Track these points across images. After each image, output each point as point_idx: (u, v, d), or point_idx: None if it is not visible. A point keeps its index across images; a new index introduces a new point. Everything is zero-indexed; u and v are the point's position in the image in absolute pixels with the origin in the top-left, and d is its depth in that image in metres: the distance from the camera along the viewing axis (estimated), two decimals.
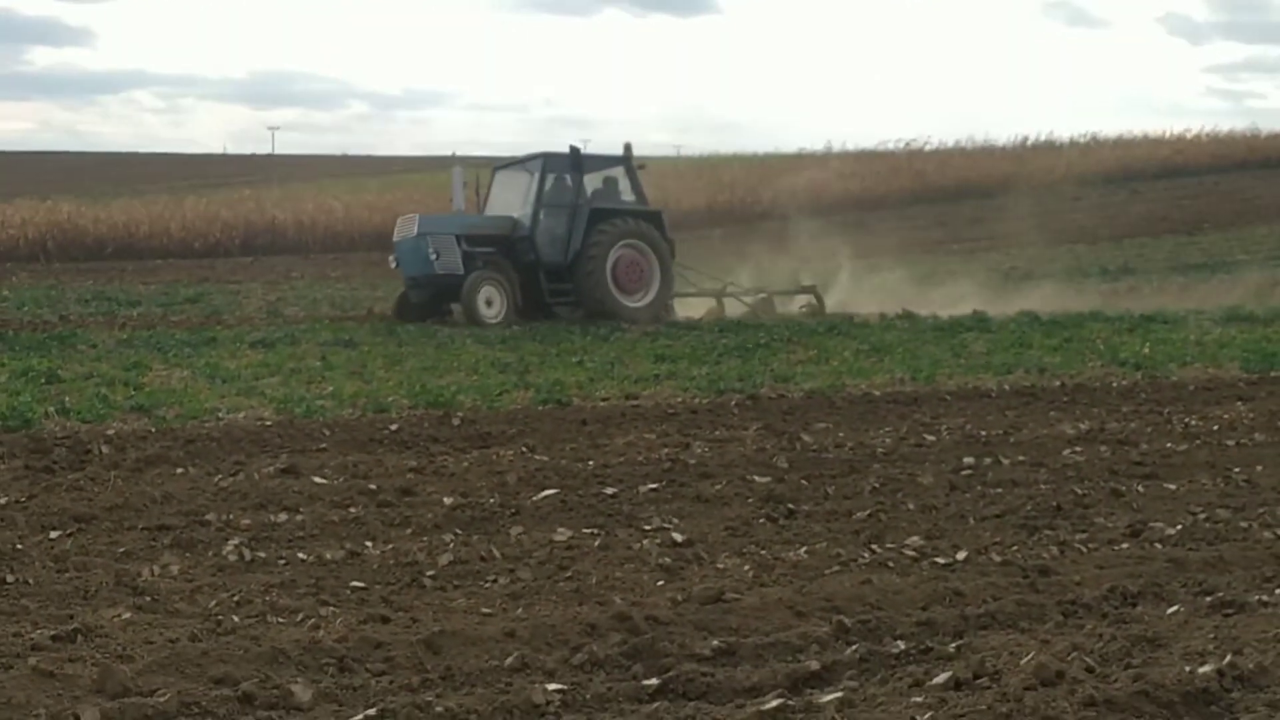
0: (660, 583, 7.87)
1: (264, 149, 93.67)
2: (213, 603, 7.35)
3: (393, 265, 28.20)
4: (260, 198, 54.28)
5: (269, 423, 13.38)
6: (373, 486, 10.35)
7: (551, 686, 6.06)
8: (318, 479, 10.66)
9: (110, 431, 12.68)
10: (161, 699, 5.81)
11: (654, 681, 6.14)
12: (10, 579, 7.73)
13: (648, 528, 9.21)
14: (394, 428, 13.06)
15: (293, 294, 34.25)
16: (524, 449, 12.06)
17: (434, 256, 25.96)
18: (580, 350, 20.29)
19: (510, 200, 27.57)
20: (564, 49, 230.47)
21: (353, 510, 9.63)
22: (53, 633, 6.70)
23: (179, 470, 11.02)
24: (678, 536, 8.92)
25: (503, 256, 26.66)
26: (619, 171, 27.88)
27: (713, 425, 13.43)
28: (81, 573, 7.93)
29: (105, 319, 26.98)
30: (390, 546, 8.65)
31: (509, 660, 6.41)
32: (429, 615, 7.18)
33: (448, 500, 9.91)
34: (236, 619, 7.06)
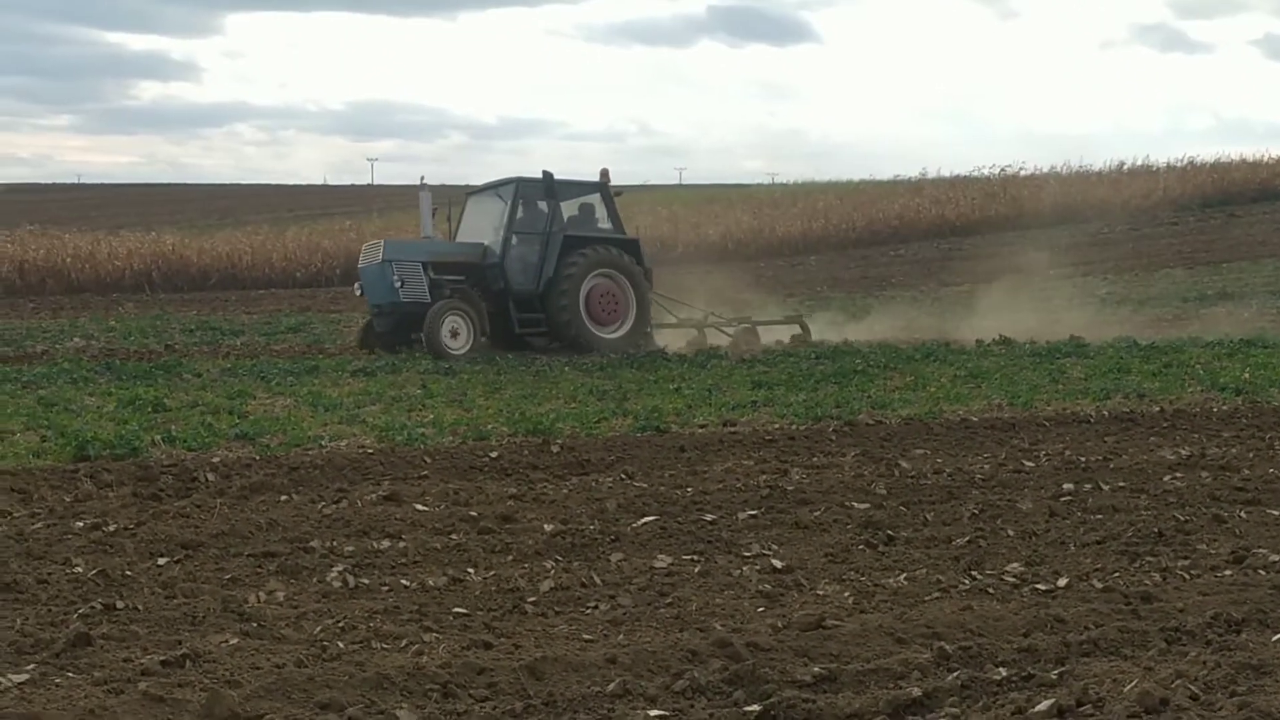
0: (760, 609, 7.85)
1: (363, 180, 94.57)
2: (318, 629, 7.39)
3: (357, 293, 27.45)
4: (360, 228, 54.59)
5: (371, 450, 13.45)
6: (474, 513, 10.38)
7: (653, 713, 6.07)
8: (419, 506, 10.69)
9: (215, 459, 12.78)
10: None
11: (755, 708, 6.13)
12: (120, 605, 7.80)
13: (747, 554, 9.19)
14: (494, 455, 13.09)
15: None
16: (623, 476, 12.06)
17: (398, 284, 25.04)
18: (677, 377, 20.30)
19: (482, 226, 26.75)
20: (660, 78, 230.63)
21: (454, 537, 9.65)
22: (162, 658, 6.76)
23: (283, 497, 11.09)
24: (777, 563, 8.90)
25: (472, 285, 25.68)
26: (595, 198, 27.05)
27: (810, 452, 13.38)
28: (189, 599, 8.00)
29: (209, 348, 27.29)
30: (492, 573, 8.66)
31: (610, 686, 6.42)
32: (531, 641, 7.20)
33: (548, 527, 9.93)
34: (341, 645, 7.10)
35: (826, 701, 6.20)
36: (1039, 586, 8.35)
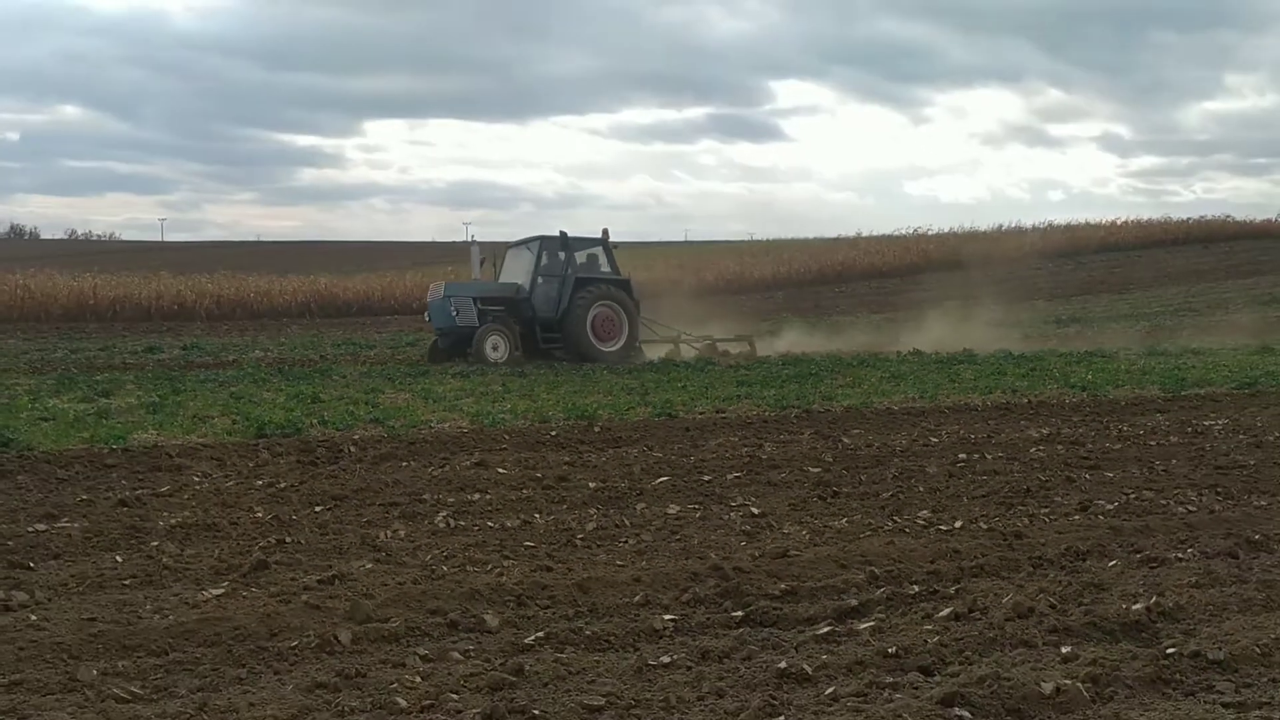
0: (743, 543, 7.83)
1: (460, 238, 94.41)
2: (428, 556, 7.40)
3: (426, 320, 27.31)
4: (458, 272, 54.64)
5: (465, 430, 13.45)
6: (539, 475, 10.38)
7: (667, 617, 6.06)
8: (500, 470, 10.69)
9: (356, 436, 12.79)
10: (393, 624, 5.86)
11: (739, 613, 6.13)
12: (288, 540, 7.83)
13: (733, 504, 9.16)
14: (553, 433, 13.08)
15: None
16: (645, 448, 12.04)
17: (455, 313, 25.21)
18: (683, 379, 20.28)
19: (517, 270, 26.64)
20: (671, 165, 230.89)
21: (525, 492, 9.65)
22: (317, 578, 6.78)
23: (403, 463, 11.10)
24: (754, 510, 8.88)
25: (509, 313, 25.70)
26: (599, 250, 26.80)
27: (778, 431, 13.35)
28: (337, 535, 8.01)
29: (351, 357, 27.36)
30: (552, 517, 8.66)
31: (636, 598, 6.42)
32: (579, 566, 7.19)
33: (592, 485, 9.91)
34: (445, 568, 7.10)
35: (789, 608, 6.20)
36: (941, 527, 8.32)
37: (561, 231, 26.34)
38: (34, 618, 5.97)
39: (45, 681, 5.04)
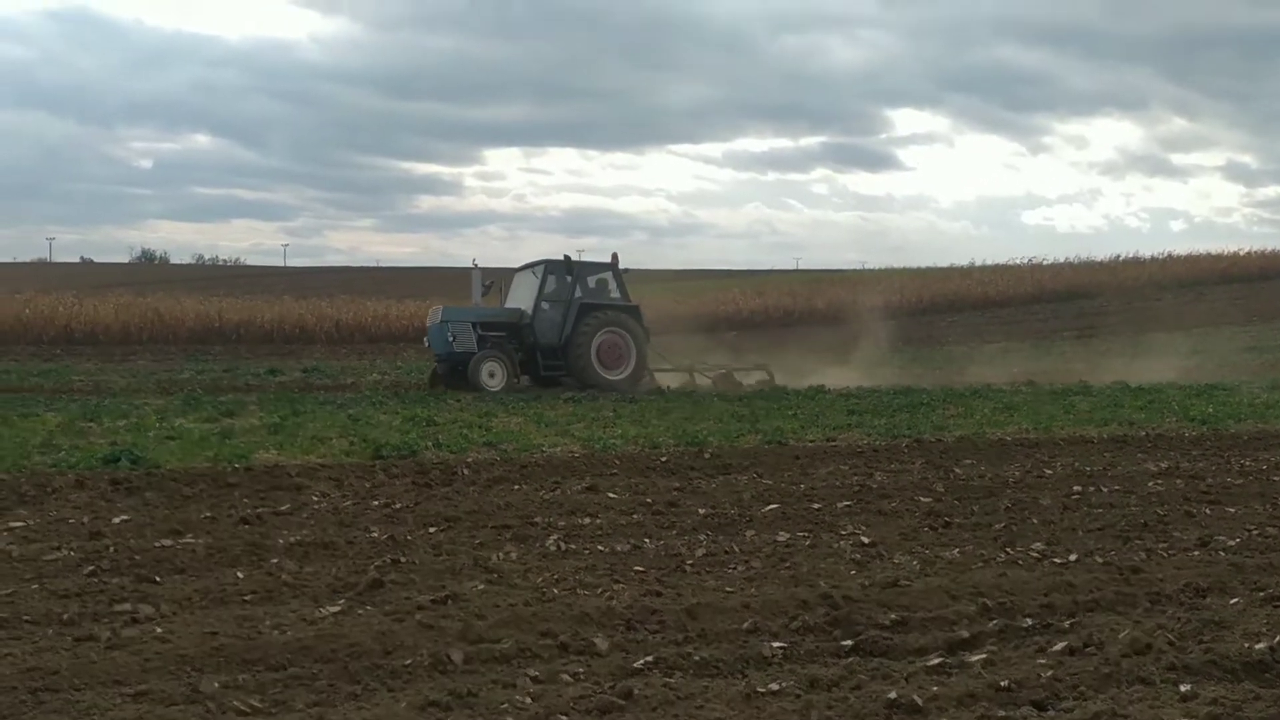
0: (853, 572, 7.76)
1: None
2: (540, 579, 7.44)
3: (426, 345, 26.39)
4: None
5: (577, 454, 13.50)
6: (649, 500, 10.39)
7: (776, 644, 6.03)
8: (611, 494, 10.72)
9: (469, 459, 12.91)
10: (505, 645, 5.91)
11: (849, 642, 6.08)
12: (402, 559, 7.93)
13: (843, 532, 9.09)
14: (663, 459, 13.08)
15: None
16: (755, 475, 11.99)
17: (452, 339, 24.35)
18: (794, 406, 20.16)
19: (522, 295, 25.76)
20: (784, 193, 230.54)
21: (635, 517, 9.66)
22: (431, 598, 6.85)
23: (515, 486, 11.18)
24: (865, 539, 8.79)
25: (510, 339, 24.81)
26: (608, 275, 25.82)
27: (889, 460, 13.22)
28: (450, 556, 8.09)
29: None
30: (661, 542, 8.66)
31: (745, 625, 6.39)
32: (689, 591, 7.18)
33: (701, 511, 9.90)
34: (556, 591, 7.14)
35: (900, 639, 6.13)
36: (1055, 560, 8.16)
37: (565, 255, 25.59)
38: (159, 630, 6.12)
39: (169, 693, 5.17)
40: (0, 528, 8.74)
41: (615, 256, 26.14)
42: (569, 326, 24.77)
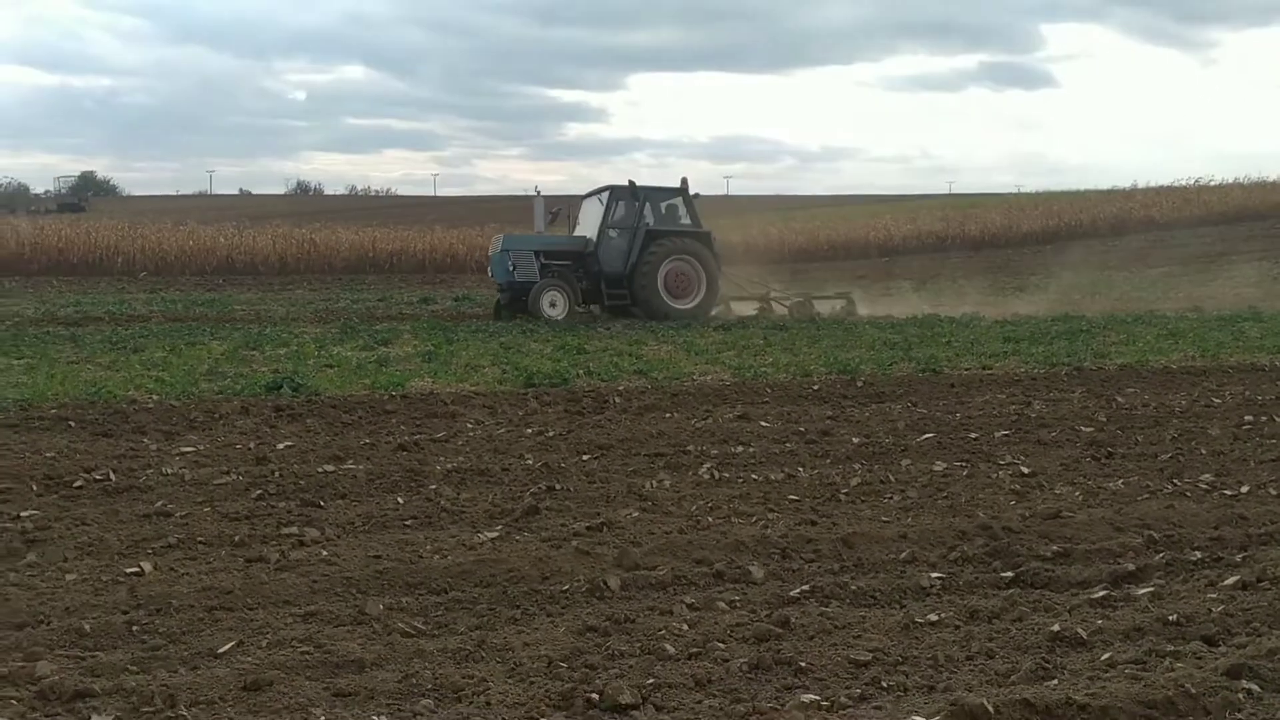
0: (1012, 503, 7.65)
1: (720, 192, 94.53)
2: (693, 507, 7.48)
3: (490, 275, 25.76)
4: (719, 225, 54.69)
5: (728, 382, 13.51)
6: (801, 429, 10.35)
7: (933, 574, 5.98)
8: (763, 423, 10.71)
9: (620, 387, 13.01)
10: (660, 572, 5.96)
11: (1009, 574, 6.00)
12: (557, 486, 8.04)
13: (1001, 462, 8.95)
14: (815, 388, 13.01)
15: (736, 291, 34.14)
16: (909, 404, 11.85)
17: (512, 268, 23.77)
18: (947, 333, 19.82)
19: (590, 223, 24.87)
20: (938, 115, 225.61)
21: (788, 445, 9.64)
22: (586, 524, 6.94)
23: (667, 415, 11.23)
24: (1024, 469, 8.65)
25: (575, 268, 24.10)
26: (678, 200, 24.80)
27: (1047, 389, 12.94)
28: (603, 484, 8.18)
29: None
30: (815, 471, 8.63)
31: (902, 555, 6.35)
32: (844, 521, 7.16)
33: (855, 440, 9.83)
34: (710, 519, 7.17)
35: (1062, 571, 6.03)
36: (1226, 492, 7.93)
37: (631, 181, 24.62)
38: (325, 553, 6.32)
39: (337, 613, 5.33)
40: (173, 452, 9.09)
41: (685, 181, 25.22)
42: (635, 254, 24.05)
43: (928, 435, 9.99)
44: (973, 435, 10.03)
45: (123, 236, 42.79)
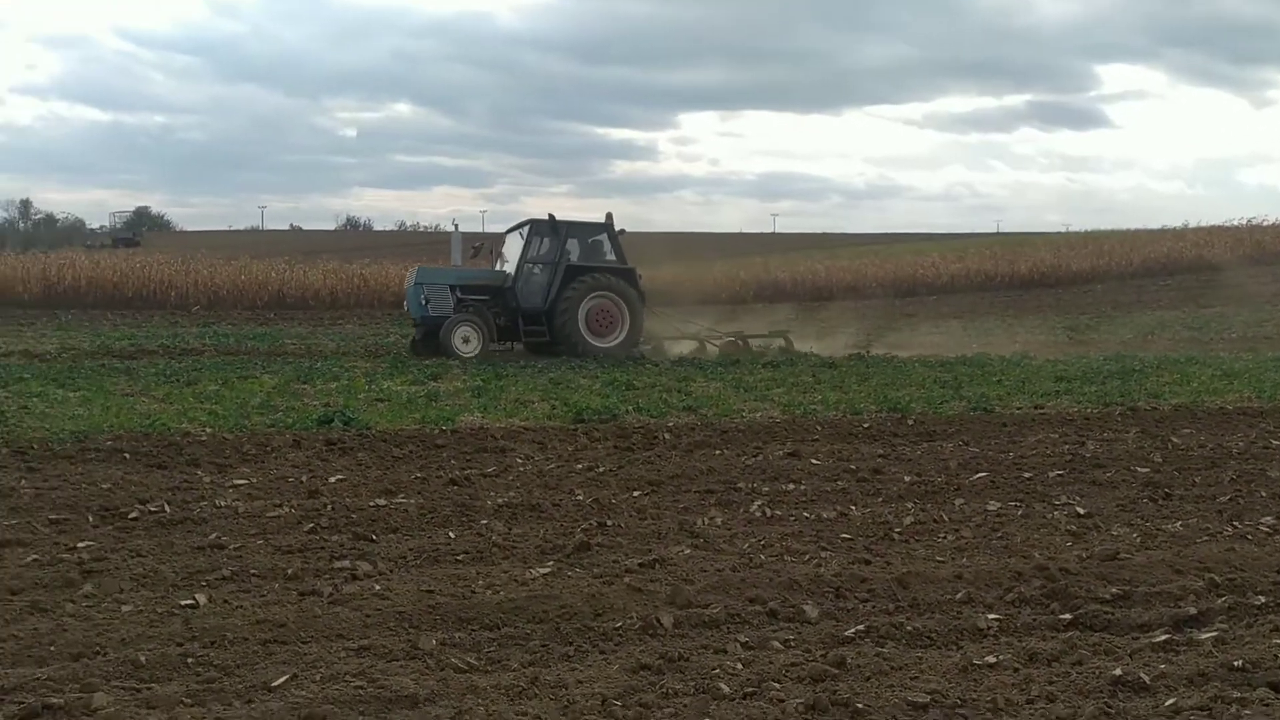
0: (1069, 544, 7.55)
1: (767, 229, 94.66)
2: (745, 545, 7.43)
3: (405, 308, 24.98)
4: (766, 263, 54.73)
5: (778, 419, 13.44)
6: (853, 467, 10.28)
7: (990, 616, 5.91)
8: (814, 460, 10.64)
9: (670, 423, 12.97)
10: (713, 610, 5.91)
11: (1068, 616, 5.92)
12: (608, 523, 8.01)
13: (1056, 503, 8.84)
14: (866, 425, 12.92)
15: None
16: (961, 443, 11.75)
17: (425, 302, 23.02)
18: (999, 372, 19.66)
19: (513, 257, 24.00)
20: (986, 155, 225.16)
21: (839, 483, 9.57)
22: (638, 561, 6.91)
23: (717, 451, 11.18)
24: (1080, 510, 8.54)
25: (493, 303, 23.27)
26: (603, 236, 24.00)
27: (1101, 429, 12.79)
28: (655, 520, 8.14)
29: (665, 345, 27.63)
30: (867, 510, 8.56)
31: (958, 595, 6.27)
32: (898, 560, 7.08)
33: (907, 478, 9.75)
34: (762, 557, 7.12)
35: (1121, 614, 5.93)
36: None
37: (550, 215, 23.79)
38: (378, 587, 6.31)
39: (390, 648, 5.32)
40: (226, 484, 9.13)
41: (609, 216, 24.34)
42: (554, 290, 23.28)
43: (980, 474, 9.89)
44: (1026, 475, 9.93)
45: (176, 271, 43.29)
